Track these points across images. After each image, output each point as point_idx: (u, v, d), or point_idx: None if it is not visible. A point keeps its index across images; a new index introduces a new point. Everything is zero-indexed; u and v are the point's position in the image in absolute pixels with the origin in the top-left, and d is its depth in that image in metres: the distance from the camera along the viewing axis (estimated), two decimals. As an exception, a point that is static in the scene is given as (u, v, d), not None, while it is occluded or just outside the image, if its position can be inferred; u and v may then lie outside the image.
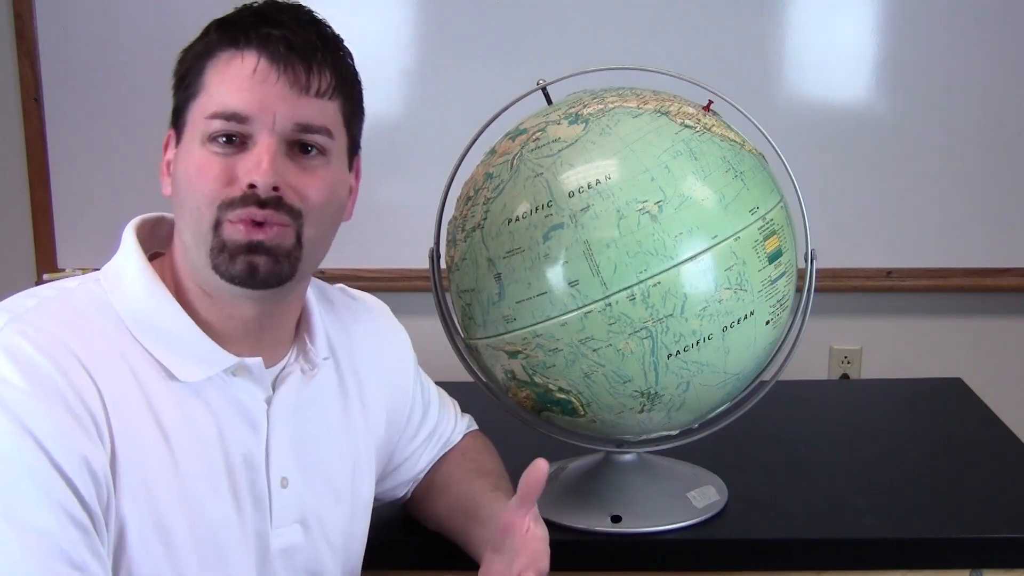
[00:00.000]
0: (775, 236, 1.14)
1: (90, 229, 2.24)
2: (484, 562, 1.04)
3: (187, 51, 0.96)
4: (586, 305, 1.10)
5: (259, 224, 0.92)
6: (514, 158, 1.16)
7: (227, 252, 0.92)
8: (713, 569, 1.26)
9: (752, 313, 1.13)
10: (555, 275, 1.10)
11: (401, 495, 1.24)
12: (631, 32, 2.11)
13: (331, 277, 1.92)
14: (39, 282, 2.24)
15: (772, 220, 1.15)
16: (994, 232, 2.18)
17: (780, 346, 1.24)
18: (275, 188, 0.91)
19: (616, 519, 1.25)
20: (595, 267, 1.09)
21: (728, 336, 1.12)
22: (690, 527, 1.25)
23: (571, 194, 1.10)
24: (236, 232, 0.92)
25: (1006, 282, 2.19)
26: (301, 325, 1.05)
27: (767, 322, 1.15)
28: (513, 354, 1.16)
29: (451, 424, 1.27)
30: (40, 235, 2.26)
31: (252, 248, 0.92)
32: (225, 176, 0.91)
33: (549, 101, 1.25)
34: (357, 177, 1.08)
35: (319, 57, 0.94)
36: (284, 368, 1.02)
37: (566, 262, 1.10)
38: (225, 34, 0.93)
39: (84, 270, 2.23)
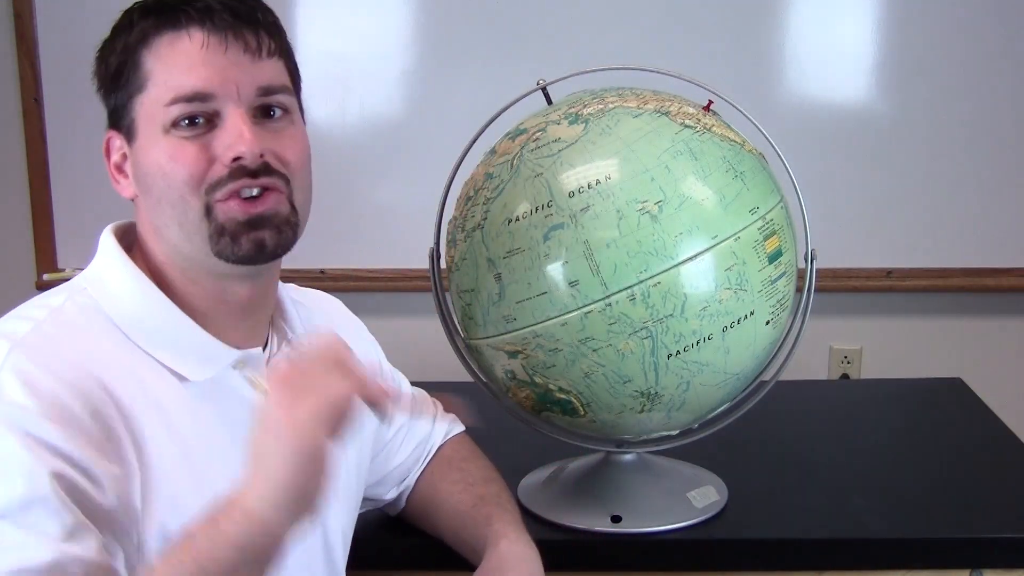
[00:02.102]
0: (775, 236, 1.14)
1: (90, 229, 2.21)
2: None
3: (109, 47, 0.92)
4: (586, 305, 1.10)
5: (253, 198, 0.90)
6: (514, 158, 1.16)
7: (228, 234, 0.90)
8: (713, 569, 1.26)
9: (752, 313, 1.13)
10: (555, 275, 1.10)
11: (388, 497, 1.23)
12: (631, 32, 2.11)
13: (332, 277, 1.92)
14: (39, 282, 2.24)
15: (772, 220, 1.15)
16: (994, 232, 2.18)
17: (780, 346, 1.24)
18: (260, 155, 0.89)
19: (616, 519, 1.25)
20: (595, 267, 1.09)
21: (728, 336, 1.12)
22: (690, 527, 1.25)
23: (571, 194, 1.11)
24: (231, 211, 0.90)
25: (1006, 282, 2.19)
26: (275, 311, 1.04)
27: (767, 322, 1.15)
28: (513, 354, 1.16)
29: (429, 421, 1.25)
30: (40, 235, 2.26)
31: (253, 224, 0.91)
32: (204, 157, 0.89)
33: (549, 101, 1.25)
34: None
35: (260, 18, 0.92)
36: (270, 356, 1.01)
37: (566, 262, 1.10)
38: (159, 18, 0.90)
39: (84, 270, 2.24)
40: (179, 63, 0.89)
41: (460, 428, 1.29)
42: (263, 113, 0.92)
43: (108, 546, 0.81)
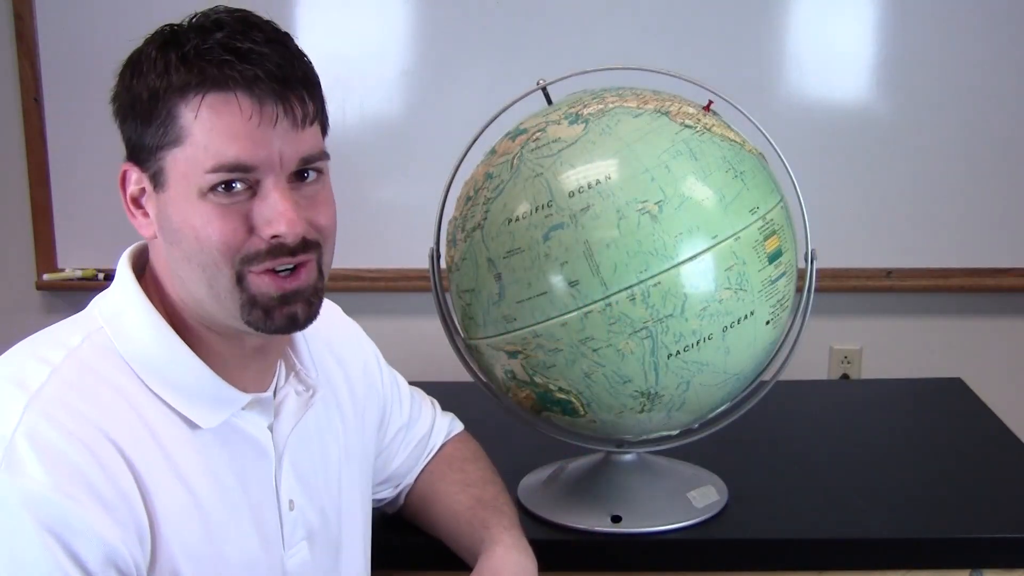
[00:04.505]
0: (775, 236, 1.14)
1: (90, 229, 2.24)
2: None
3: (137, 77, 0.88)
4: (586, 305, 1.10)
5: (287, 274, 0.90)
6: (514, 158, 1.16)
7: (260, 308, 0.89)
8: (713, 569, 1.26)
9: (752, 313, 1.13)
10: (555, 275, 1.10)
11: (385, 497, 1.23)
12: (631, 32, 2.11)
13: (332, 277, 1.91)
14: (39, 282, 2.24)
15: (772, 220, 1.15)
16: (994, 232, 2.18)
17: (780, 346, 1.24)
18: (300, 233, 0.89)
19: (616, 519, 1.25)
20: (595, 267, 1.09)
21: (728, 336, 1.12)
22: (690, 527, 1.25)
23: (571, 194, 1.11)
24: (265, 286, 0.89)
25: (1006, 282, 2.19)
26: (286, 347, 1.04)
27: (767, 322, 1.15)
28: (513, 354, 1.16)
29: (428, 421, 1.25)
30: (40, 235, 2.26)
31: (286, 299, 0.90)
32: (243, 228, 0.87)
33: (549, 101, 1.25)
34: None
35: (302, 78, 0.89)
36: (278, 391, 1.01)
37: (566, 262, 1.10)
38: (202, 75, 0.86)
39: (84, 270, 2.24)
40: (224, 131, 0.86)
41: (460, 427, 1.29)
42: (297, 176, 0.90)
43: None
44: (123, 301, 0.93)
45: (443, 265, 1.26)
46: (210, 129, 0.86)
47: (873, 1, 2.11)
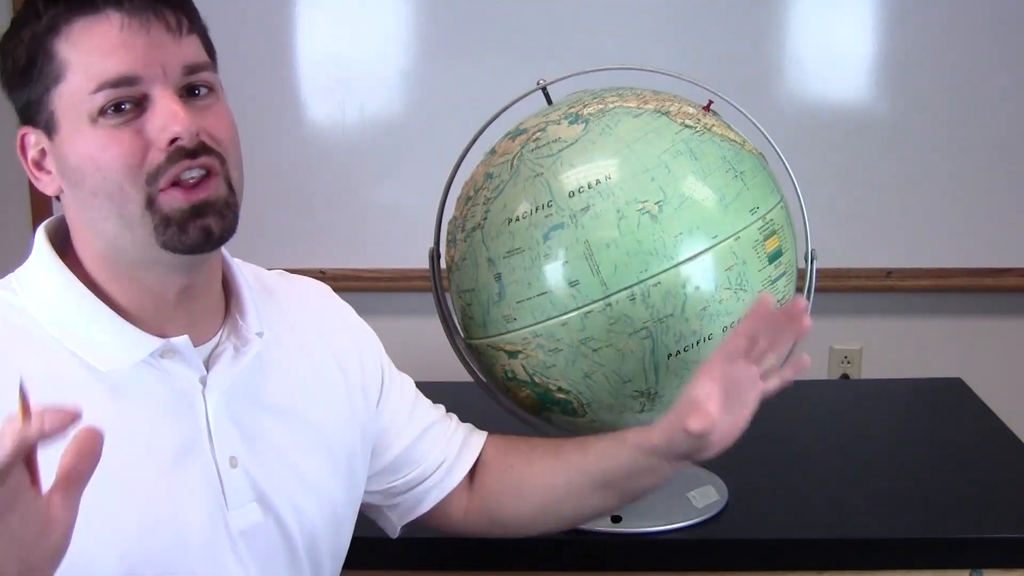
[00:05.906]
0: (775, 236, 1.15)
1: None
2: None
3: (13, 40, 0.88)
4: (586, 305, 1.10)
5: (194, 185, 0.87)
6: (514, 158, 1.16)
7: (175, 224, 0.87)
8: (713, 569, 1.26)
9: (752, 313, 1.13)
10: (555, 275, 1.10)
11: (423, 505, 1.13)
12: (631, 32, 2.11)
13: (332, 277, 1.91)
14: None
15: (772, 220, 1.15)
16: (994, 232, 2.18)
17: (780, 346, 1.24)
18: (196, 134, 0.87)
19: (616, 519, 1.25)
20: (595, 267, 1.09)
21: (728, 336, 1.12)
22: (690, 527, 1.25)
23: (571, 194, 1.11)
24: (176, 200, 0.87)
25: (1006, 282, 2.19)
26: (232, 303, 1.00)
27: (767, 322, 1.15)
28: (513, 354, 1.16)
29: (445, 425, 1.16)
30: (40, 235, 2.26)
31: (198, 211, 0.88)
32: (139, 144, 0.86)
33: (549, 101, 1.25)
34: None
35: None
36: (217, 347, 0.98)
37: (566, 262, 1.10)
38: (71, 4, 0.86)
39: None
40: (99, 48, 0.85)
41: (483, 433, 1.19)
42: (188, 93, 0.89)
43: None
44: (34, 262, 0.94)
45: (443, 265, 1.26)
46: (87, 51, 0.85)
47: (873, 1, 2.11)
